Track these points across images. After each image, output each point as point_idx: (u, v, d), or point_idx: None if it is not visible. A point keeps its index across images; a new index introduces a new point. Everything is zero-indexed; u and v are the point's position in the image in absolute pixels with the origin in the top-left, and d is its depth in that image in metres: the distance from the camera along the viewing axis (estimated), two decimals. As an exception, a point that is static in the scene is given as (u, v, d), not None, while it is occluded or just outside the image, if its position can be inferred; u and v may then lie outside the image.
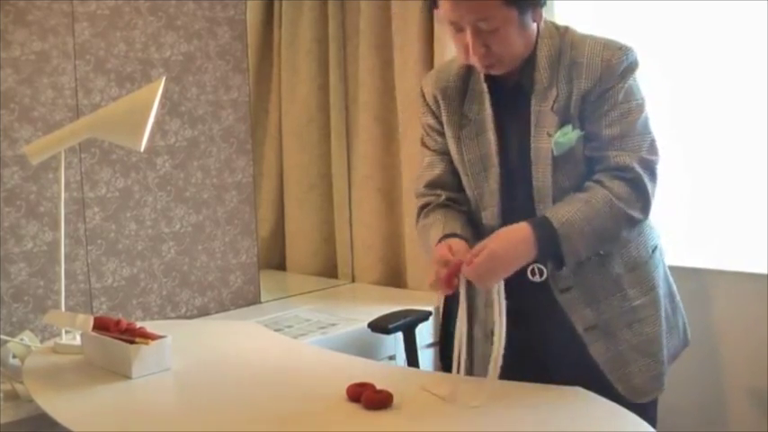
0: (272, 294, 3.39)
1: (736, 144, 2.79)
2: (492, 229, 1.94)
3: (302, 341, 2.68)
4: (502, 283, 1.79)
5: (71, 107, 2.77)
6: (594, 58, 1.87)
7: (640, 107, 1.89)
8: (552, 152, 1.87)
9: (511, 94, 1.94)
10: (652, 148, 1.88)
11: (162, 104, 2.91)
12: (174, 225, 3.07)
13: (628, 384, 1.89)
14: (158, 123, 2.94)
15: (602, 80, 1.86)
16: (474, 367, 2.08)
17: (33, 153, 2.29)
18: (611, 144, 1.86)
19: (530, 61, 1.91)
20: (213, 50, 3.14)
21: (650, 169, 1.87)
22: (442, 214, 2.01)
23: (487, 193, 1.97)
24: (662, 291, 2.02)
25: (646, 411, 1.78)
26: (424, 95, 2.08)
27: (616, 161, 1.85)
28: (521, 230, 1.80)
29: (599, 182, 1.85)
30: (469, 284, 1.80)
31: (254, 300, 3.30)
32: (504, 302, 1.77)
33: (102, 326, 2.12)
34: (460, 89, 2.00)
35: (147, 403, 1.91)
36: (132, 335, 2.07)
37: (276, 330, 2.67)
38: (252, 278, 3.30)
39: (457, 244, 1.85)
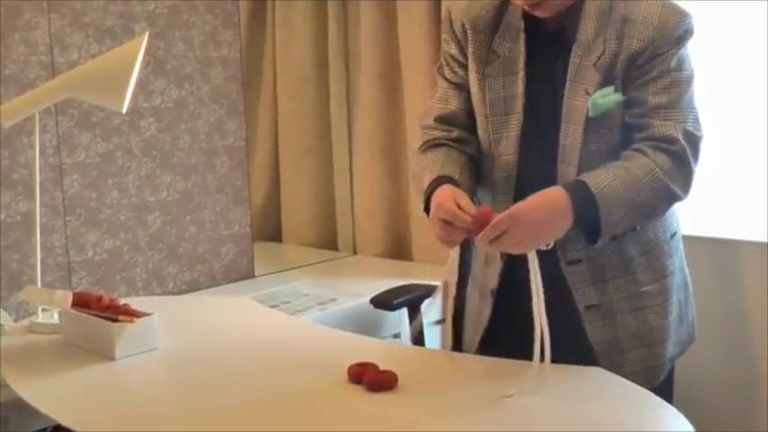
0: (266, 268, 3.40)
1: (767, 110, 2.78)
2: (504, 180, 1.94)
3: (299, 318, 2.68)
4: (535, 257, 1.75)
5: (45, 65, 2.75)
6: (650, 17, 1.83)
7: (690, 79, 1.87)
8: (587, 112, 1.85)
9: (550, 39, 1.92)
10: (697, 124, 1.86)
11: (145, 62, 2.89)
12: (161, 193, 3.06)
13: (619, 372, 1.88)
14: (142, 83, 2.91)
15: (656, 43, 1.83)
16: (465, 329, 2.10)
17: (5, 115, 2.28)
18: (656, 113, 1.84)
19: (577, 8, 1.88)
20: (201, 3, 3.11)
21: (694, 145, 1.85)
22: (443, 153, 1.98)
23: (505, 139, 1.95)
24: (676, 280, 2.01)
25: (659, 394, 1.78)
26: (451, 22, 2.04)
27: (661, 131, 1.82)
28: (553, 192, 1.77)
29: (640, 150, 1.83)
30: (467, 241, 1.78)
31: (248, 274, 3.31)
32: (539, 279, 1.74)
33: (82, 303, 2.11)
34: (492, 21, 1.97)
35: (132, 386, 1.92)
36: (115, 312, 2.07)
37: (271, 306, 2.68)
38: (245, 250, 3.29)
39: (463, 198, 1.80)
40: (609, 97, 1.85)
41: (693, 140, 1.84)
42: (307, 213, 3.86)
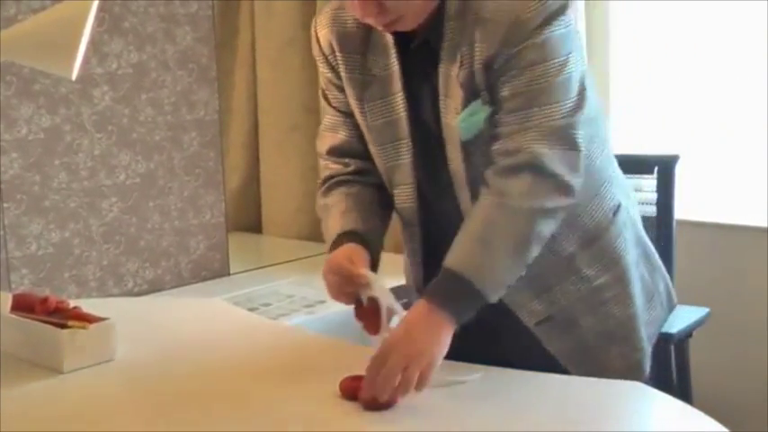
0: (243, 264, 3.43)
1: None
2: (409, 210, 2.00)
3: (282, 323, 2.69)
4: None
5: (-21, 23, 2.75)
6: (500, 12, 1.79)
7: (562, 66, 1.81)
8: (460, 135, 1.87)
9: (420, 51, 1.92)
10: (573, 111, 1.81)
11: (99, 19, 2.88)
12: (118, 175, 3.07)
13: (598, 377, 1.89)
14: (95, 44, 2.93)
15: (508, 42, 1.79)
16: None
17: (-68, 83, 2.27)
18: (508, 121, 1.82)
19: (440, 13, 1.86)
20: (165, -51, 3.12)
21: (561, 138, 1.81)
22: (344, 196, 2.03)
23: (399, 168, 1.98)
24: (631, 259, 2.02)
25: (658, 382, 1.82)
26: (318, 41, 2.06)
27: (505, 146, 1.81)
28: (417, 309, 1.78)
29: (485, 185, 1.83)
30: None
31: (221, 271, 3.33)
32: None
33: (23, 306, 2.11)
34: (362, 36, 1.97)
35: (84, 405, 1.91)
36: (64, 317, 2.07)
37: (250, 310, 2.69)
38: (218, 243, 3.31)
39: (357, 253, 1.91)
40: (477, 116, 1.85)
41: (558, 133, 1.80)
42: (291, 200, 3.87)
